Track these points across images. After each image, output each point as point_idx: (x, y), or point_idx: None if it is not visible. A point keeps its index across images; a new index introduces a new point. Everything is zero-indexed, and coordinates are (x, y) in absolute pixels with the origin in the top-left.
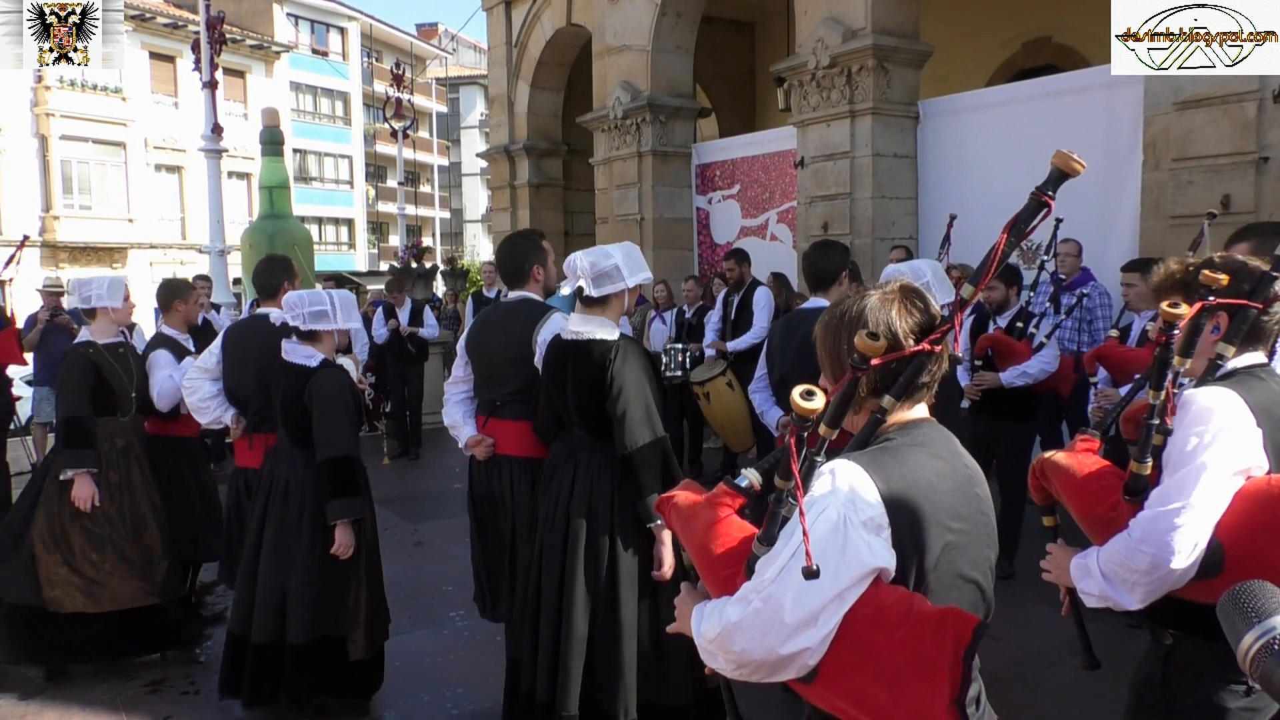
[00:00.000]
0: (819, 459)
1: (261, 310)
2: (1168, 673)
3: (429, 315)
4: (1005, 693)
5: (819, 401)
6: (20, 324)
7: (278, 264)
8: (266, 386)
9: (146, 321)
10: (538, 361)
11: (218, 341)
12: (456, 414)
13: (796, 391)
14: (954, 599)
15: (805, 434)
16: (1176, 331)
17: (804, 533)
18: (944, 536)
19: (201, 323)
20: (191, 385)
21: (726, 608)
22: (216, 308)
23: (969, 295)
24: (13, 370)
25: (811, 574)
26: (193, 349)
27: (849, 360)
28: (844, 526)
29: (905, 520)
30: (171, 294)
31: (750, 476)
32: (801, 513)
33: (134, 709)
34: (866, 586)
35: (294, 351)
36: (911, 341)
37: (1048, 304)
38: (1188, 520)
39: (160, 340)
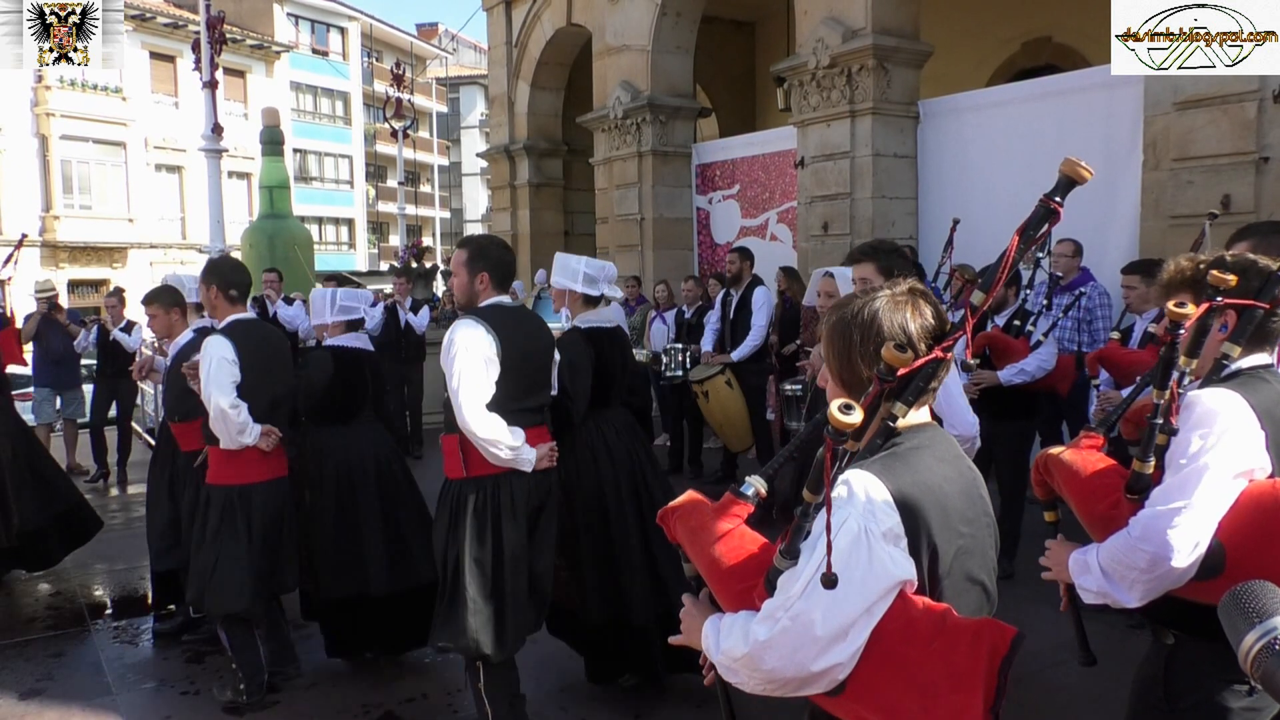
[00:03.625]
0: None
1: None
2: (1170, 673)
3: (425, 311)
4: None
5: (857, 416)
6: (20, 324)
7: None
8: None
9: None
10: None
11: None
12: (503, 428)
13: (835, 405)
14: (963, 601)
15: (840, 448)
16: (1182, 331)
17: (828, 545)
18: (956, 541)
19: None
20: (239, 406)
21: (752, 626)
22: None
23: (979, 302)
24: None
25: (831, 581)
26: None
27: (872, 370)
28: (866, 538)
29: (920, 527)
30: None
31: (755, 484)
32: (829, 527)
33: (134, 709)
34: (893, 599)
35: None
36: (924, 346)
37: (1044, 302)
38: (1188, 520)
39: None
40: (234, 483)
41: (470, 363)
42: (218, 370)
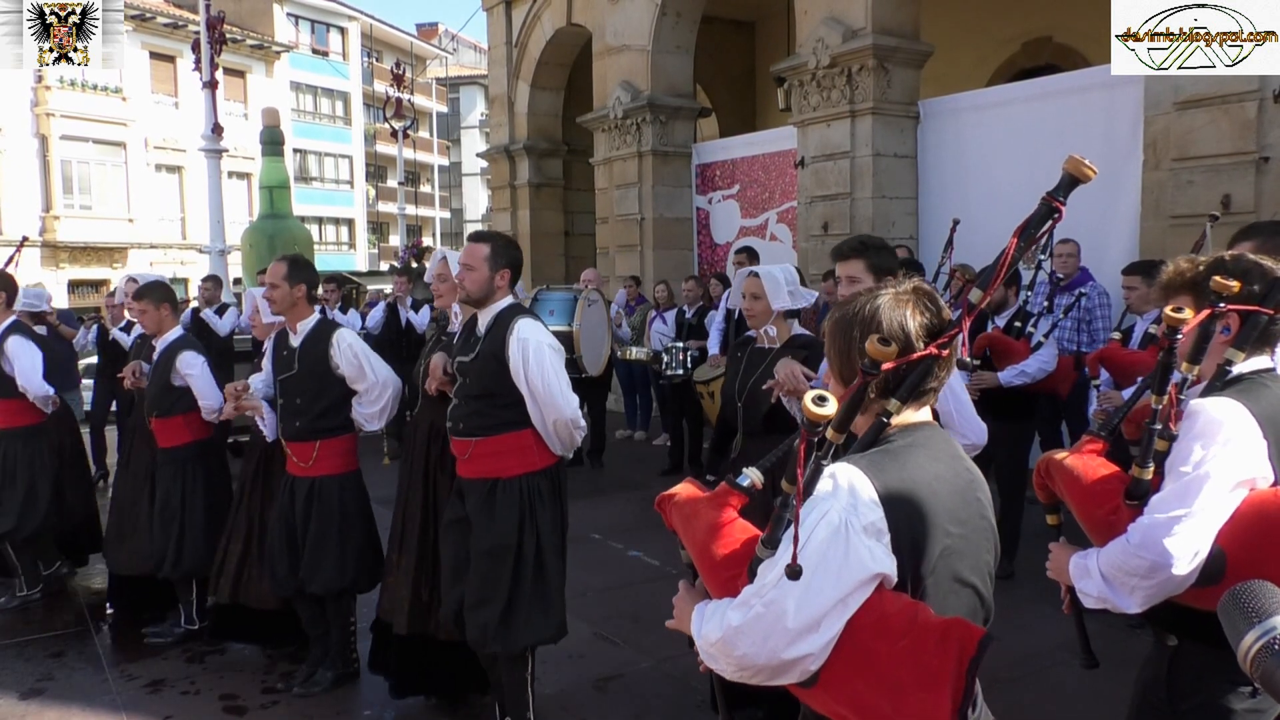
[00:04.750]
0: (825, 461)
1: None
2: (1173, 674)
3: (425, 310)
4: (1005, 693)
5: (831, 407)
6: None
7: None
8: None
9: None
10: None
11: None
12: None
13: (809, 396)
14: (951, 603)
15: (815, 439)
16: (1180, 336)
17: (794, 536)
18: (942, 540)
19: (193, 321)
20: None
21: (728, 611)
22: (223, 309)
23: (977, 300)
24: None
25: (795, 573)
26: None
27: (860, 364)
28: (845, 531)
29: (904, 523)
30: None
31: (752, 476)
32: (796, 518)
33: (134, 709)
34: (869, 593)
35: None
36: (921, 345)
37: (1044, 303)
38: (1188, 528)
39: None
40: (349, 470)
41: (558, 356)
42: (377, 357)
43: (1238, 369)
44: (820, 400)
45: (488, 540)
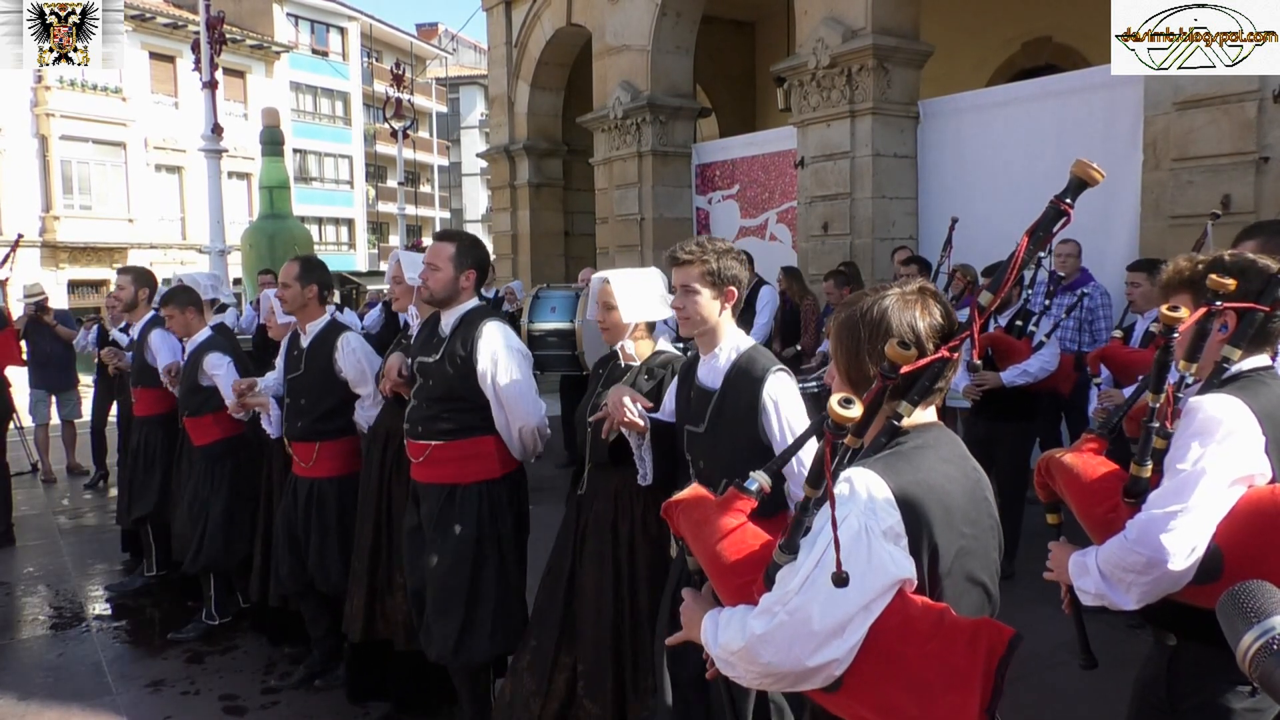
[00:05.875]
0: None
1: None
2: (1173, 673)
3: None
4: (1005, 693)
5: (857, 410)
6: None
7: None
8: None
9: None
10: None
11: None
12: None
13: (835, 399)
14: (964, 602)
15: (840, 442)
16: (1176, 334)
17: (835, 541)
18: (957, 541)
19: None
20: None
21: (749, 620)
22: (223, 309)
23: (987, 303)
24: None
25: (841, 580)
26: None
27: (869, 367)
28: (866, 536)
29: (921, 526)
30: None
31: (759, 479)
32: (834, 522)
33: (134, 709)
34: (892, 597)
35: None
36: (931, 346)
37: (1044, 302)
38: (1184, 523)
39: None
40: (349, 473)
41: (526, 362)
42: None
43: (1236, 367)
44: (846, 403)
45: (444, 550)
